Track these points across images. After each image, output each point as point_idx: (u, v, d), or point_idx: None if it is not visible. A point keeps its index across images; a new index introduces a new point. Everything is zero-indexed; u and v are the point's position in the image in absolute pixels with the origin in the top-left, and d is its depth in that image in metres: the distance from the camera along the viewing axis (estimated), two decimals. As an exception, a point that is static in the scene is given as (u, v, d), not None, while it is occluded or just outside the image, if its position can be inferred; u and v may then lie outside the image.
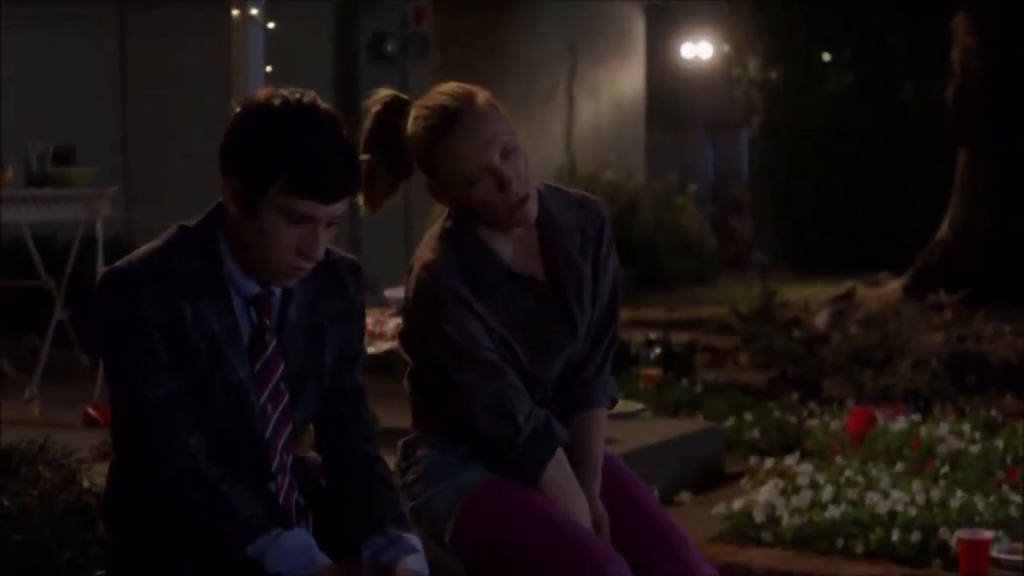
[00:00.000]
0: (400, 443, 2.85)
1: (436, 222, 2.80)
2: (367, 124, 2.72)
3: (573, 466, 2.76)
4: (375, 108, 2.74)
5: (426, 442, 2.79)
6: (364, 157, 2.62)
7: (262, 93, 2.37)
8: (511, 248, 2.75)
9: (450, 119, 2.62)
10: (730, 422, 6.14)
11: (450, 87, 2.67)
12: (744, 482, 5.10)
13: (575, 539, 2.61)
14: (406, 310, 2.78)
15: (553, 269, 2.77)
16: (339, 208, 2.35)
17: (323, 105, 2.36)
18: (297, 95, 2.35)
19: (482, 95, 2.65)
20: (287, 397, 2.45)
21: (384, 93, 2.75)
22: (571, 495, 2.71)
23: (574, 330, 2.78)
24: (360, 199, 2.72)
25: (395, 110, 2.73)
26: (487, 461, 2.73)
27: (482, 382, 2.67)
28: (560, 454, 2.73)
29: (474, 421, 2.69)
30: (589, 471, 2.78)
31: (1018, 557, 4.11)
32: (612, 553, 2.62)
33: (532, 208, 2.68)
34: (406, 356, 2.83)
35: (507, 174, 2.62)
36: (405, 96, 2.76)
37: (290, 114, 2.32)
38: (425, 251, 2.75)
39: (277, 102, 2.33)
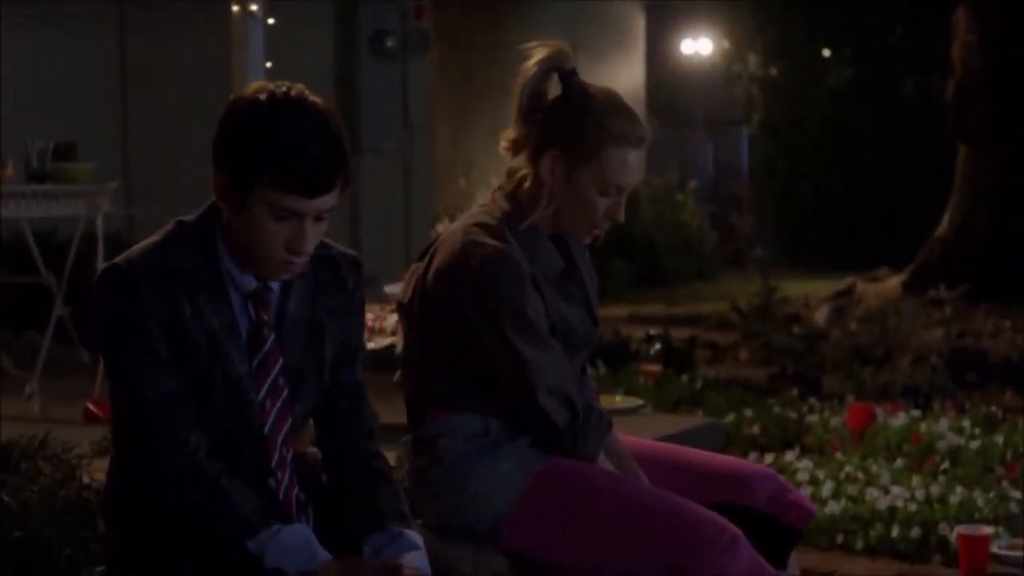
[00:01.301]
0: (406, 440, 2.84)
1: (482, 208, 2.80)
2: (521, 81, 2.78)
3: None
4: (533, 68, 2.77)
5: (446, 431, 2.76)
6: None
7: (252, 88, 2.36)
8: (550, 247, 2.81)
9: (642, 136, 2.75)
10: (730, 418, 6.14)
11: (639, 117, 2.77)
12: (744, 478, 5.08)
13: (676, 506, 2.64)
14: (463, 286, 2.70)
15: (575, 270, 2.85)
16: (326, 203, 2.33)
17: (312, 98, 2.34)
18: (284, 88, 2.33)
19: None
20: (286, 392, 2.45)
21: (549, 47, 2.78)
22: (626, 471, 2.78)
23: (596, 327, 2.88)
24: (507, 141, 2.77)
25: (552, 74, 2.78)
26: (538, 442, 2.74)
27: (549, 364, 2.70)
28: (610, 437, 2.79)
29: (535, 399, 2.70)
30: (625, 464, 2.81)
31: (1018, 553, 4.11)
32: (712, 516, 2.64)
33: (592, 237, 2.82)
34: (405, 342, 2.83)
35: (621, 204, 2.76)
36: (572, 63, 2.80)
37: (275, 109, 2.30)
38: (482, 235, 2.71)
39: (263, 97, 2.32)
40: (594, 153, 2.71)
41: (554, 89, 2.80)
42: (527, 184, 2.78)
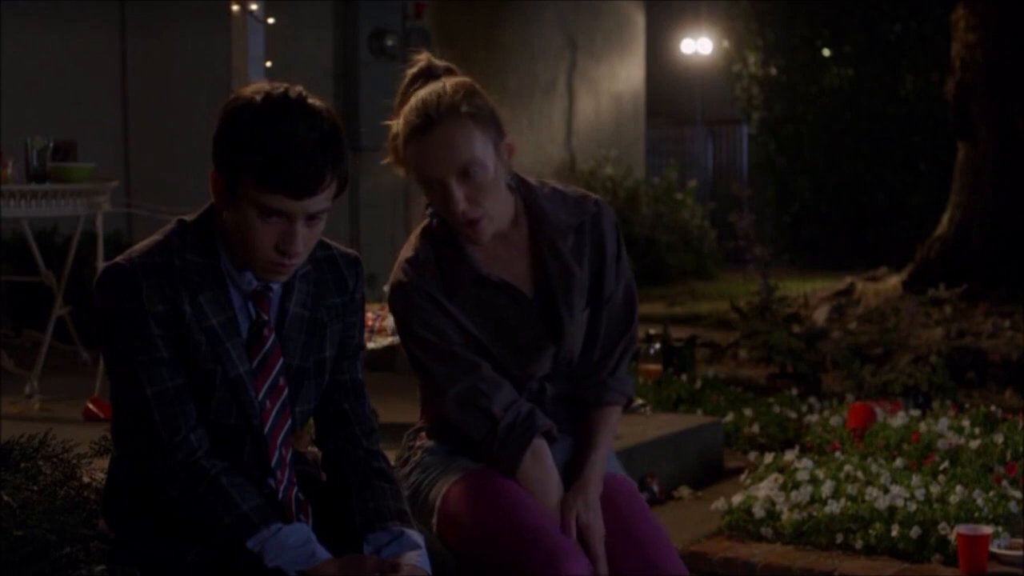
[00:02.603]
0: (406, 433, 2.88)
1: (421, 221, 2.82)
2: (401, 88, 2.75)
3: (576, 455, 2.76)
4: (409, 73, 2.76)
5: (426, 432, 2.83)
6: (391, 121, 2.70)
7: (251, 87, 2.36)
8: (491, 249, 2.75)
9: (425, 125, 2.64)
10: (730, 417, 6.15)
11: (449, 86, 2.68)
12: (743, 477, 5.09)
13: (540, 528, 2.59)
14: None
15: (542, 268, 2.77)
16: (315, 204, 2.32)
17: (310, 99, 2.33)
18: (281, 89, 2.33)
19: (467, 104, 2.65)
20: (286, 391, 2.45)
21: (421, 59, 2.77)
22: (547, 488, 2.70)
23: (558, 331, 2.77)
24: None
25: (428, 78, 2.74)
26: (471, 453, 2.75)
27: (452, 377, 2.69)
28: (540, 447, 2.71)
29: (446, 415, 2.72)
30: (588, 460, 2.75)
31: (1017, 552, 4.12)
32: (574, 548, 2.60)
33: (483, 230, 2.68)
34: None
35: (455, 194, 2.63)
36: (441, 65, 2.77)
37: (268, 109, 2.30)
38: (407, 249, 2.78)
39: (258, 97, 2.32)
40: (405, 158, 2.69)
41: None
42: None
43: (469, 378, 2.69)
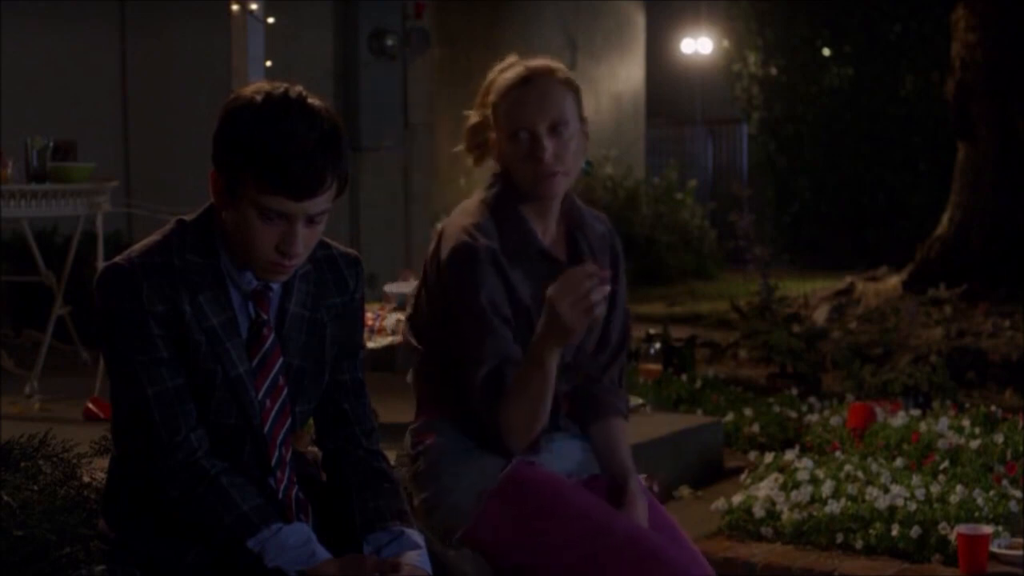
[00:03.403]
0: (408, 431, 2.87)
1: (474, 194, 2.88)
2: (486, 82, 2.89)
3: (612, 481, 2.83)
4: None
5: (435, 429, 2.80)
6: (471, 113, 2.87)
7: (251, 87, 2.35)
8: (542, 229, 2.84)
9: (527, 76, 2.80)
10: (730, 417, 6.15)
11: (547, 59, 2.85)
12: (744, 477, 5.10)
13: (624, 527, 2.64)
14: (433, 276, 2.80)
15: (579, 258, 2.84)
16: (315, 206, 2.31)
17: (310, 100, 2.32)
18: (282, 89, 2.32)
19: (564, 74, 2.84)
20: (286, 391, 2.45)
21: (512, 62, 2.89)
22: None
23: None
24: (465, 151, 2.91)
25: None
26: (490, 446, 2.74)
27: (490, 357, 2.70)
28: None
29: (470, 392, 2.71)
30: (628, 481, 2.82)
31: (1018, 552, 4.12)
32: (664, 541, 2.65)
33: (559, 186, 2.80)
34: (413, 341, 2.85)
35: (543, 143, 2.76)
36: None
37: (267, 109, 2.29)
38: (463, 217, 2.81)
39: (259, 97, 2.31)
40: (498, 113, 2.81)
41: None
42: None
43: (503, 364, 2.70)
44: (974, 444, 5.07)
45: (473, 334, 2.71)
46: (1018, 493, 4.52)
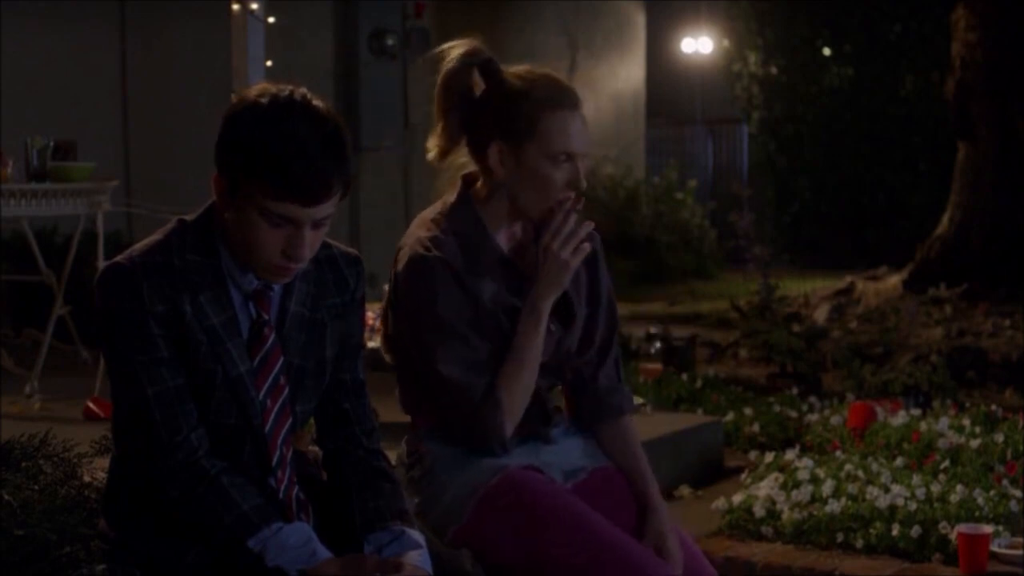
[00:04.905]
0: (403, 441, 2.87)
1: (431, 207, 2.83)
2: (442, 76, 2.76)
3: (631, 484, 2.85)
4: (453, 62, 2.76)
5: (429, 436, 2.81)
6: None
7: (254, 90, 2.35)
8: (505, 237, 2.79)
9: (575, 102, 2.74)
10: (730, 417, 6.15)
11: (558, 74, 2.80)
12: (744, 477, 5.10)
13: (613, 541, 2.63)
14: (394, 293, 2.78)
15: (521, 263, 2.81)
16: (323, 210, 2.31)
17: (314, 103, 2.32)
18: (286, 92, 2.31)
19: None
20: (286, 391, 2.45)
21: (466, 43, 2.78)
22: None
23: (568, 316, 2.83)
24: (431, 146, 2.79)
25: (474, 68, 2.77)
26: (478, 450, 2.74)
27: (453, 366, 2.69)
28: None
29: (441, 402, 2.72)
30: (648, 485, 2.85)
31: (1018, 552, 4.11)
32: (651, 556, 2.66)
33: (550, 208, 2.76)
34: (387, 358, 2.85)
35: (578, 172, 2.74)
36: (490, 54, 2.79)
37: (273, 114, 2.28)
38: (418, 229, 2.77)
39: (264, 101, 2.30)
40: (533, 127, 2.71)
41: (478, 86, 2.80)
42: (479, 183, 2.80)
43: (463, 368, 2.69)
44: (974, 444, 5.07)
45: (435, 345, 2.69)
46: (1018, 493, 4.52)
